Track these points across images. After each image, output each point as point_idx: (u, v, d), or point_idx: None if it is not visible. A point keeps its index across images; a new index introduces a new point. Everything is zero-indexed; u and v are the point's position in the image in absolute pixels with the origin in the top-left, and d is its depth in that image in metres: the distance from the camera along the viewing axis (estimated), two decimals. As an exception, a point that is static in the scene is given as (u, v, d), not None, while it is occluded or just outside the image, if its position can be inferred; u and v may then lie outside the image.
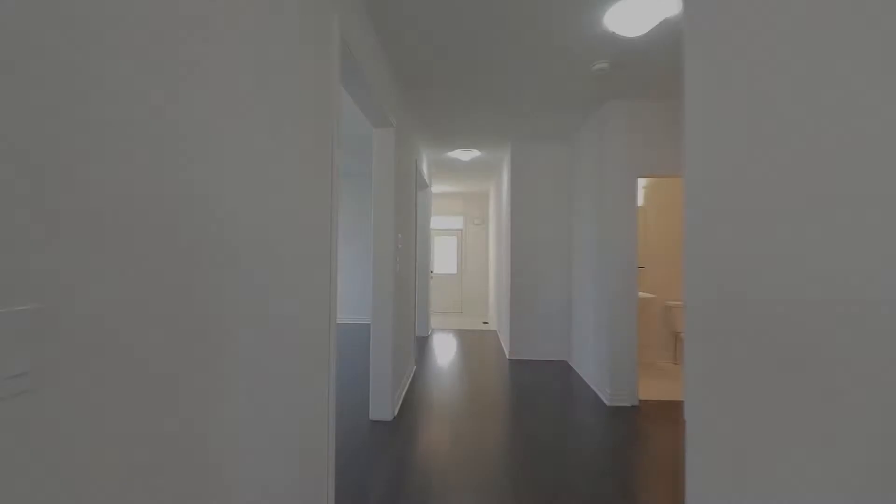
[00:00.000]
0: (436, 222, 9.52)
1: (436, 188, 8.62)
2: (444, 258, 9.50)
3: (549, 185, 5.07)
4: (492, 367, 4.70)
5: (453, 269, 9.44)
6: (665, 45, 2.69)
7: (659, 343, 4.93)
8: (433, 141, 5.03)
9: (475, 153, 5.57)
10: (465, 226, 9.40)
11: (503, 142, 5.09)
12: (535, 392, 3.86)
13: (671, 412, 3.40)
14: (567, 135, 4.75)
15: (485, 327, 7.48)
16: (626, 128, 3.60)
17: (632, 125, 3.60)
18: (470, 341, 6.11)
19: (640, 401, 3.62)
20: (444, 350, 5.54)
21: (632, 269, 3.57)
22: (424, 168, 5.57)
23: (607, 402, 3.55)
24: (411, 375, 4.24)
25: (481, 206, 9.37)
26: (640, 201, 4.99)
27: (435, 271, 9.49)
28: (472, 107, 3.85)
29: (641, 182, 5.00)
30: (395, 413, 3.30)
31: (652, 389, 3.92)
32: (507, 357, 5.11)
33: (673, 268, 4.94)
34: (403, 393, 3.71)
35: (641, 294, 4.47)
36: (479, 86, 3.38)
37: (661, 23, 2.45)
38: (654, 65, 2.96)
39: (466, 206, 9.39)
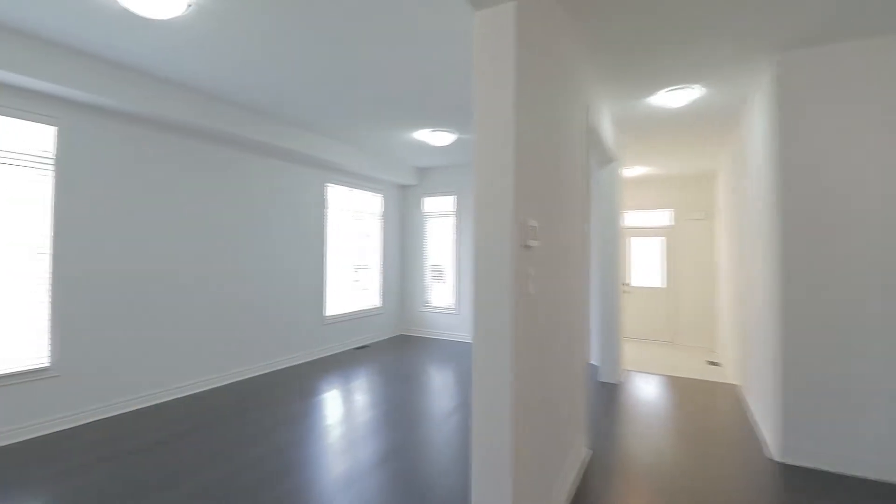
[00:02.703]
0: (630, 218, 7.15)
1: (628, 170, 6.34)
2: (644, 266, 7.05)
3: (873, 123, 2.50)
4: (741, 484, 2.45)
5: (659, 282, 6.90)
6: None
7: None
8: (614, 71, 3.07)
9: (694, 93, 3.34)
10: (677, 222, 6.76)
11: (753, 59, 2.77)
12: None
13: None
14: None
15: (713, 372, 4.89)
16: None
17: None
18: (690, 402, 3.78)
19: None
20: (642, 419, 3.43)
21: None
22: (607, 130, 3.62)
23: None
24: (572, 477, 2.39)
25: (703, 192, 6.59)
26: None
27: (631, 284, 7.11)
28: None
29: None
30: None
31: None
32: (773, 456, 2.71)
33: None
34: (551, 527, 1.93)
35: None
36: None
37: None
38: None
39: (679, 193, 6.76)
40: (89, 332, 3.10)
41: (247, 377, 4.24)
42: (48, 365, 2.89)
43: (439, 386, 4.10)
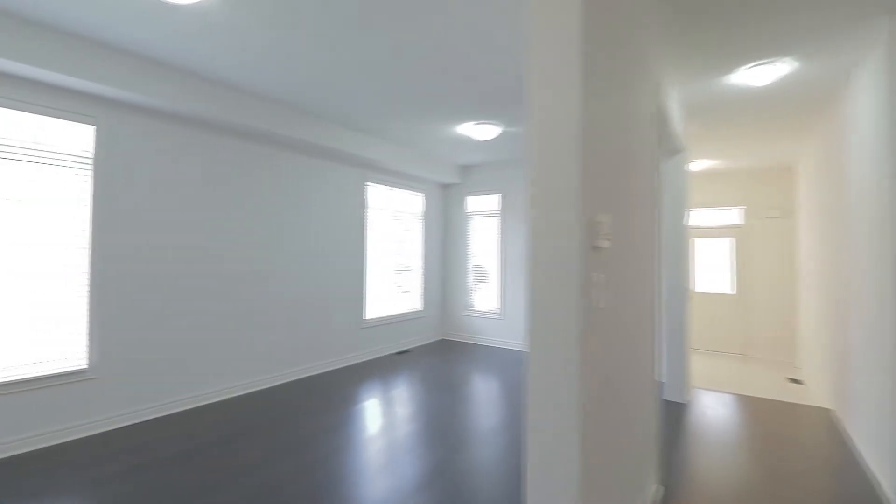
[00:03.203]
0: (694, 216, 6.53)
1: (693, 163, 5.75)
2: (709, 269, 6.40)
3: None
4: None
5: (727, 287, 6.24)
6: None
7: None
8: (688, 44, 2.66)
9: (783, 68, 2.85)
10: (749, 220, 6.09)
11: (862, 22, 2.28)
12: None
13: None
14: None
15: (797, 391, 4.27)
16: None
17: None
18: (774, 429, 3.26)
19: None
20: (719, 448, 2.97)
21: None
22: (675, 115, 3.19)
23: None
24: (646, 518, 2.02)
25: (780, 188, 5.88)
26: None
27: (694, 289, 6.49)
28: None
29: None
30: None
31: None
32: (890, 500, 2.21)
33: None
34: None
35: None
36: None
37: None
38: None
39: (751, 189, 6.08)
40: (127, 333, 3.06)
41: (285, 381, 4.13)
42: (86, 367, 2.86)
43: (484, 397, 3.80)
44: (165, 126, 3.28)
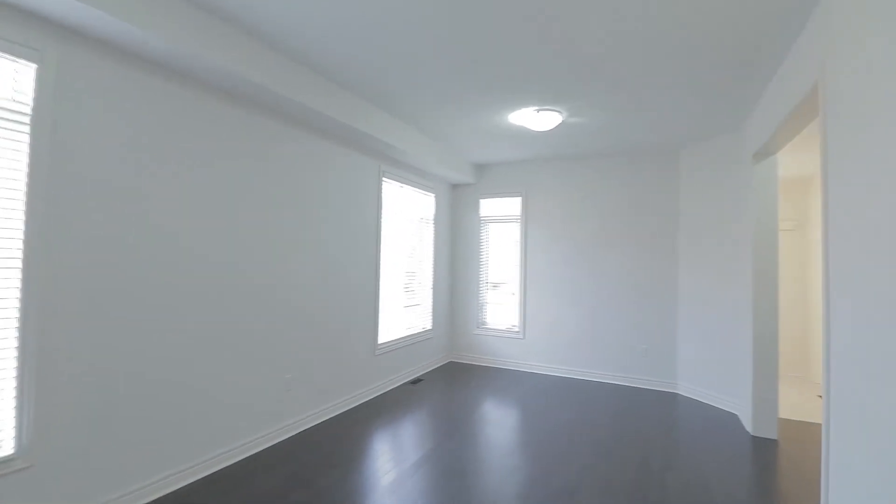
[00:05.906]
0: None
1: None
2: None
3: None
4: None
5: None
6: None
7: None
8: None
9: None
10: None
11: None
12: None
13: None
14: None
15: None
16: None
17: None
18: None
19: None
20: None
21: None
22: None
23: None
24: None
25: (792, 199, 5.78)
26: None
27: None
28: None
29: None
30: None
31: None
32: None
33: None
34: None
35: None
36: None
37: None
38: None
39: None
40: (79, 394, 1.97)
41: (290, 434, 3.12)
42: (12, 452, 1.75)
43: (551, 456, 3.09)
44: (141, 76, 2.22)
